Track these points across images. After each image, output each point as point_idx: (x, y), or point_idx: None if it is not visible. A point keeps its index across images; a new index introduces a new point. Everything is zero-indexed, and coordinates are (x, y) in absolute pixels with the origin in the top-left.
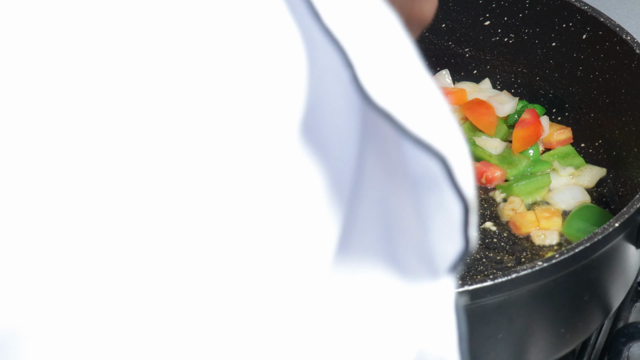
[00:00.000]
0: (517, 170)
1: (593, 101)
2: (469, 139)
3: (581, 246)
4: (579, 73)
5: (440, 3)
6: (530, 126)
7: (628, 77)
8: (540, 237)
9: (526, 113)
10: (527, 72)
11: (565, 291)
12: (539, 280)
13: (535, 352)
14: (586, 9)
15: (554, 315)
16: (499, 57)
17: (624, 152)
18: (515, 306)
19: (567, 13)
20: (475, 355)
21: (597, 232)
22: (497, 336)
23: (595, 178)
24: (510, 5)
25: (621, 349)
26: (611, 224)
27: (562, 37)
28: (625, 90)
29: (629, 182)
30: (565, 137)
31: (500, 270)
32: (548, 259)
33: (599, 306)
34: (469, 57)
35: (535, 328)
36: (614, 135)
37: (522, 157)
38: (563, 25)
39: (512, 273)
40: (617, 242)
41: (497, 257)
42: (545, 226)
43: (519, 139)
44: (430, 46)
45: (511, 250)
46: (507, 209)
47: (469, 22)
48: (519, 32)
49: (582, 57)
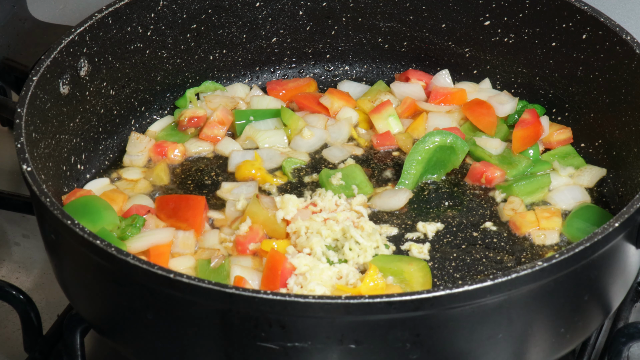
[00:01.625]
0: (517, 170)
1: (593, 101)
2: (469, 139)
3: (581, 246)
4: (579, 73)
5: (440, 3)
6: (530, 126)
7: (628, 77)
8: (540, 237)
9: (526, 113)
10: (527, 72)
11: (565, 291)
12: (539, 280)
13: (535, 352)
14: (586, 9)
15: (554, 315)
16: (499, 57)
17: (624, 152)
18: (515, 306)
19: (567, 13)
20: (475, 355)
21: (597, 232)
22: (497, 336)
23: (595, 178)
24: (510, 5)
25: (621, 349)
26: (611, 224)
27: (562, 37)
28: (625, 90)
29: (629, 182)
30: (565, 137)
31: (500, 270)
32: (548, 259)
33: (599, 306)
34: (469, 57)
35: (535, 328)
36: (614, 135)
37: (522, 157)
38: (563, 25)
39: (512, 273)
40: (617, 242)
41: (497, 257)
42: (545, 226)
43: (519, 139)
44: (430, 46)
45: (511, 250)
46: (507, 209)
47: (469, 22)
48: (519, 32)
49: (582, 57)
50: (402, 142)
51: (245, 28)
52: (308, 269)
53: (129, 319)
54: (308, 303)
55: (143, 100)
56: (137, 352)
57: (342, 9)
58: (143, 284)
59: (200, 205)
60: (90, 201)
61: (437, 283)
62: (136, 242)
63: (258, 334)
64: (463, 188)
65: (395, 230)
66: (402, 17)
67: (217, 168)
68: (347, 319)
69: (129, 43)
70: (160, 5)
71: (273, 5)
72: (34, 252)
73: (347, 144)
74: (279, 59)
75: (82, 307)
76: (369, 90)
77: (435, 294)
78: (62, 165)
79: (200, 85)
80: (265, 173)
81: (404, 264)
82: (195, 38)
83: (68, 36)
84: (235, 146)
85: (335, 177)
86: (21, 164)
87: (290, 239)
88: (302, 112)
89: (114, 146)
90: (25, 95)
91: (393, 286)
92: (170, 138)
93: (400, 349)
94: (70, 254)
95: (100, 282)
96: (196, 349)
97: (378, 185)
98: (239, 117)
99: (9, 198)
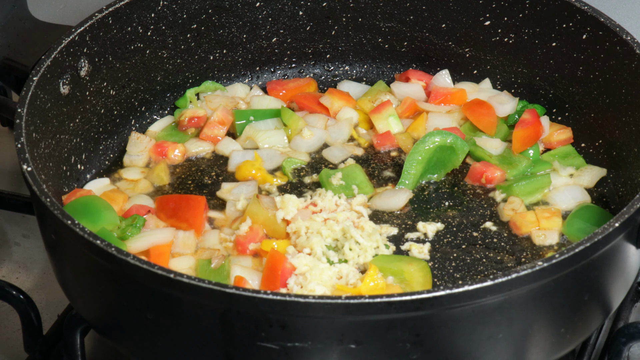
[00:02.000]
0: (517, 170)
1: (593, 101)
2: (469, 139)
3: (581, 246)
4: (579, 73)
5: (440, 3)
6: (530, 126)
7: (628, 77)
8: (540, 237)
9: (526, 113)
10: (527, 72)
11: (565, 291)
12: (539, 280)
13: (535, 352)
14: (586, 9)
15: (554, 315)
16: (499, 57)
17: (624, 152)
18: (515, 306)
19: (567, 13)
20: (475, 355)
21: (597, 232)
22: (497, 336)
23: (595, 178)
24: (510, 5)
25: (621, 349)
26: (611, 224)
27: (562, 37)
28: (625, 90)
29: (629, 182)
30: (565, 137)
31: (500, 270)
32: (548, 259)
33: (599, 306)
34: (469, 57)
35: (535, 328)
36: (614, 135)
37: (522, 157)
38: (563, 25)
39: (512, 273)
40: (617, 242)
41: (497, 257)
42: (545, 226)
43: (519, 139)
44: (430, 46)
45: (511, 250)
46: (507, 209)
47: (469, 22)
48: (519, 32)
49: (582, 57)
50: (402, 142)
51: (246, 28)
52: (308, 269)
53: (129, 319)
54: (308, 303)
55: (143, 100)
56: (137, 352)
57: (342, 9)
58: (143, 284)
59: (200, 205)
60: (91, 201)
61: (437, 283)
62: (136, 242)
63: (258, 334)
64: (463, 188)
65: (395, 230)
66: (402, 17)
67: (217, 168)
68: (347, 319)
69: (129, 43)
70: (160, 5)
71: (273, 5)
72: (34, 252)
73: (347, 144)
74: (279, 59)
75: (82, 307)
76: (369, 90)
77: (436, 294)
78: (62, 165)
79: (201, 85)
80: (266, 173)
81: (405, 264)
82: (195, 38)
83: (68, 36)
84: (235, 146)
85: (335, 177)
86: (21, 164)
87: (290, 239)
88: (302, 112)
89: (114, 146)
90: (26, 95)
91: (393, 286)
92: (170, 138)
93: (400, 349)
94: (70, 254)
95: (100, 282)
96: (196, 349)
97: (378, 185)
98: (239, 117)
99: (9, 198)
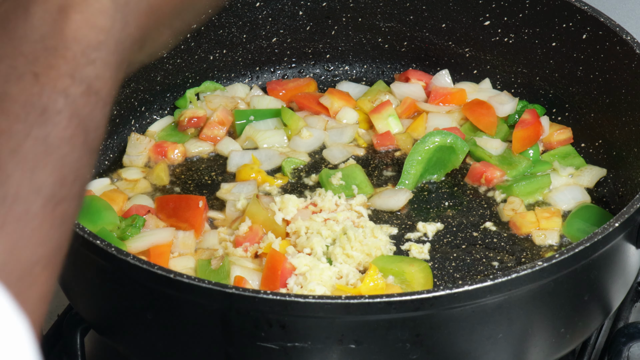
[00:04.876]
0: (517, 170)
1: (593, 101)
2: (469, 139)
3: (581, 246)
4: (579, 73)
5: (440, 3)
6: (530, 126)
7: (628, 77)
8: (540, 237)
9: (526, 113)
10: (527, 72)
11: (565, 291)
12: (539, 280)
13: (535, 352)
14: (586, 9)
15: (554, 315)
16: (499, 57)
17: (624, 152)
18: (515, 306)
19: (567, 13)
20: (475, 355)
21: (597, 232)
22: (497, 336)
23: (595, 178)
24: (510, 5)
25: (621, 349)
26: (611, 224)
27: (562, 37)
28: (625, 90)
29: (629, 182)
30: (565, 137)
31: (500, 270)
32: (548, 259)
33: (599, 306)
34: (469, 57)
35: (535, 328)
36: (614, 135)
37: (522, 157)
38: (563, 25)
39: (512, 273)
40: (617, 242)
41: (497, 257)
42: (545, 226)
43: (519, 139)
44: (430, 46)
45: (511, 250)
46: (507, 209)
47: (469, 22)
48: (519, 32)
49: (582, 57)
50: (402, 142)
51: (245, 28)
52: (308, 269)
53: (129, 319)
54: (308, 303)
55: (143, 100)
56: (137, 352)
57: (342, 9)
58: (143, 284)
59: (200, 206)
60: (90, 201)
61: (437, 283)
62: (136, 242)
63: (258, 334)
64: (463, 188)
65: (395, 230)
66: (402, 17)
67: (217, 168)
68: (347, 319)
69: None
70: None
71: (273, 5)
72: None
73: (347, 144)
74: (279, 59)
75: (82, 307)
76: (369, 90)
77: (435, 294)
78: None
79: (200, 85)
80: (266, 175)
81: (406, 264)
82: (195, 38)
83: None
84: (235, 146)
85: (335, 177)
86: None
87: (290, 239)
88: (302, 112)
89: (114, 146)
90: None
91: (393, 286)
92: (170, 138)
93: (400, 349)
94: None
95: (100, 282)
96: (196, 349)
97: (378, 185)
98: (239, 117)
99: None
